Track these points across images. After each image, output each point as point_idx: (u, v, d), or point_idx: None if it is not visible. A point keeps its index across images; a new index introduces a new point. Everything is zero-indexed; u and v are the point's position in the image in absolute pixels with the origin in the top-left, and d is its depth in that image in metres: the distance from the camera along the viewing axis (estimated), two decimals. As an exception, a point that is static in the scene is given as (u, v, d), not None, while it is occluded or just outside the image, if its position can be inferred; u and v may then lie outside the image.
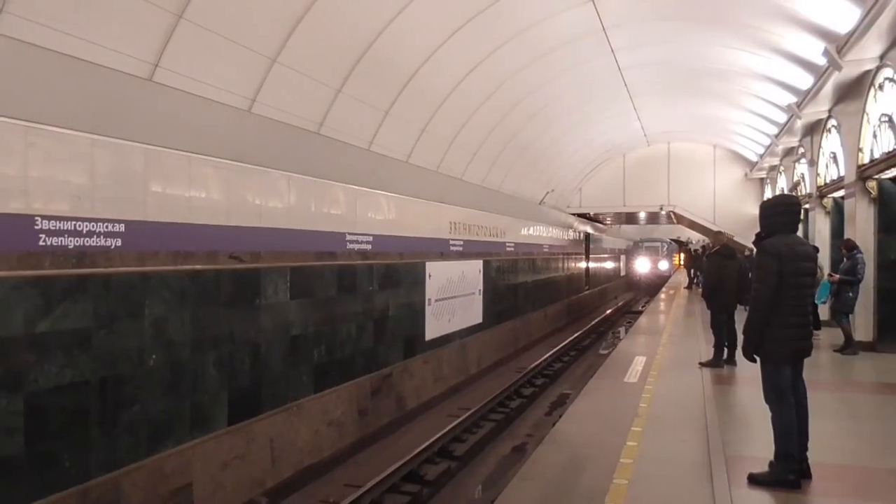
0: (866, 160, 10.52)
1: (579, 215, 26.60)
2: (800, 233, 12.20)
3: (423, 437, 9.72)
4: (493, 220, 16.47)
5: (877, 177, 10.21)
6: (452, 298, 13.70)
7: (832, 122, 12.86)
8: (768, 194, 21.59)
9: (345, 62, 8.87)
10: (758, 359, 4.63)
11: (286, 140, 8.40)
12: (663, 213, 26.03)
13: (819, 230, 14.20)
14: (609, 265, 36.62)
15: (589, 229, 29.27)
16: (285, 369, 8.34)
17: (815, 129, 14.14)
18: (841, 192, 12.35)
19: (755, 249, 4.93)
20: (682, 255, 38.50)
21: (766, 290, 4.47)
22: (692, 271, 25.44)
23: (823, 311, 11.31)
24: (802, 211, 10.78)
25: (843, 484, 4.73)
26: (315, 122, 9.00)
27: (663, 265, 43.81)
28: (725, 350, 9.23)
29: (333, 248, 9.39)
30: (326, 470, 8.82)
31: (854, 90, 10.82)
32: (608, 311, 29.23)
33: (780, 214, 4.69)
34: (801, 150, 15.77)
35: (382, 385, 10.66)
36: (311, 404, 8.82)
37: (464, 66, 11.29)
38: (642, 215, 28.67)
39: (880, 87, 9.84)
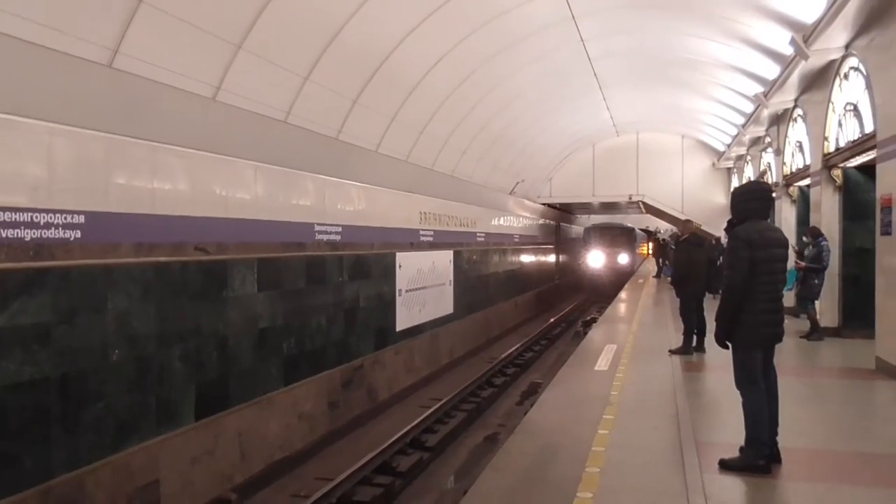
0: (832, 149, 10.67)
1: (549, 205, 26.71)
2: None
3: (395, 429, 9.66)
4: (464, 210, 16.41)
5: (842, 165, 10.36)
6: (423, 289, 13.63)
7: (798, 111, 13.02)
8: (735, 184, 21.88)
9: (312, 49, 8.71)
10: (729, 345, 4.66)
11: (253, 129, 8.22)
12: (632, 202, 26.28)
13: (785, 218, 14.43)
14: (579, 254, 36.73)
15: (559, 219, 29.37)
16: (254, 362, 8.19)
17: (781, 119, 14.33)
18: (807, 181, 12.53)
19: (726, 236, 4.94)
20: (651, 245, 38.40)
21: (737, 276, 4.49)
22: (660, 260, 25.71)
23: (790, 298, 11.50)
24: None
25: (813, 468, 4.78)
26: (282, 110, 8.83)
27: (623, 259, 31.64)
28: (695, 337, 9.32)
29: (302, 238, 9.24)
30: (298, 463, 8.71)
31: (820, 79, 10.96)
32: (578, 300, 29.42)
33: (753, 201, 4.71)
34: (768, 139, 15.98)
35: (353, 377, 10.57)
36: (281, 397, 8.69)
37: (434, 53, 11.18)
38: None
39: (846, 76, 9.96)
